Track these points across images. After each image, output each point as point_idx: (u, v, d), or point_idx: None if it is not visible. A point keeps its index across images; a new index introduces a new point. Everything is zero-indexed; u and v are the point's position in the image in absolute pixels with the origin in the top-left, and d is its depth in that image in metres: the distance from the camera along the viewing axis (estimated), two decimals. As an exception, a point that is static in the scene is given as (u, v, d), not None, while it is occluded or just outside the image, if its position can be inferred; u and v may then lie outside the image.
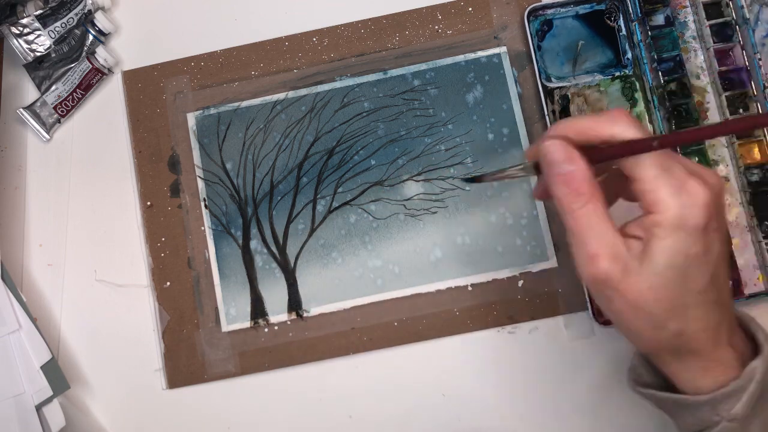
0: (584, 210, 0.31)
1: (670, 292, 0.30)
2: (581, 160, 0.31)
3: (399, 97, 0.52)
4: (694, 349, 0.32)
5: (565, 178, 0.31)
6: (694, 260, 0.30)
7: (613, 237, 0.31)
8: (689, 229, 0.30)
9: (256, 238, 0.51)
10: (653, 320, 0.31)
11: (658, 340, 0.32)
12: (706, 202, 0.30)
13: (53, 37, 0.51)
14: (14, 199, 0.52)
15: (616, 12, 0.53)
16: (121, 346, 0.51)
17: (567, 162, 0.31)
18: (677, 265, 0.30)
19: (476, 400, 0.49)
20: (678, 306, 0.31)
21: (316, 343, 0.50)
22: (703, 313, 0.31)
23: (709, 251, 0.30)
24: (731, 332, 0.33)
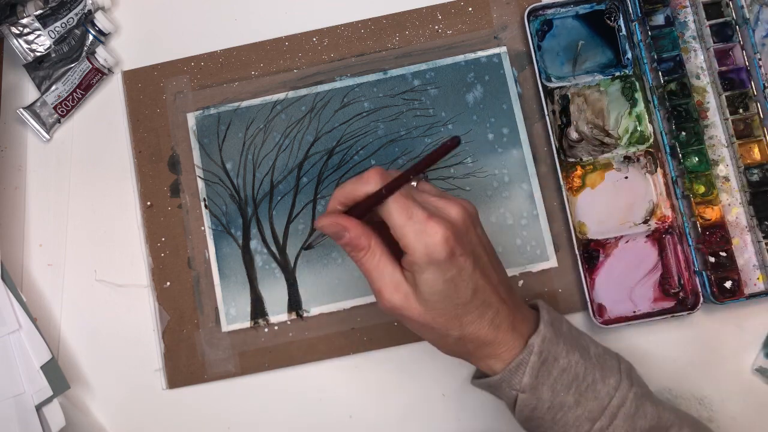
0: (365, 258, 0.38)
1: (442, 310, 0.37)
2: (351, 223, 0.38)
3: (399, 97, 0.52)
4: (480, 343, 0.39)
5: (344, 242, 0.38)
6: (451, 283, 0.37)
7: (391, 272, 0.38)
8: (437, 262, 0.36)
9: (256, 238, 0.51)
10: (438, 332, 0.38)
11: (448, 345, 0.39)
12: (445, 237, 0.36)
13: (53, 37, 0.51)
14: (14, 199, 0.52)
15: (616, 12, 0.53)
16: (121, 346, 0.51)
17: (341, 231, 0.38)
18: (439, 290, 0.37)
19: (476, 400, 0.49)
20: (451, 318, 0.37)
21: (316, 343, 0.50)
22: (476, 317, 0.38)
23: (463, 271, 0.37)
24: (512, 320, 0.39)
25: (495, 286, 0.39)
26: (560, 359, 0.39)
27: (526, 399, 0.39)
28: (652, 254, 0.50)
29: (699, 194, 0.49)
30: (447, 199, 0.38)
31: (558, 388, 0.38)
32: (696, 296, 0.49)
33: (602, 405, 0.38)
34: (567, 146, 0.52)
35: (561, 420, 0.38)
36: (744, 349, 0.50)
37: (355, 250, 0.38)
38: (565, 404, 0.38)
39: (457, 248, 0.36)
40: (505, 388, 0.39)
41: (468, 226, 0.38)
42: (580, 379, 0.39)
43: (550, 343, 0.39)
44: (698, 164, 0.50)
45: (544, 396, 0.38)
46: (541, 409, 0.39)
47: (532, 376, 0.38)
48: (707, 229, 0.49)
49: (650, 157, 0.51)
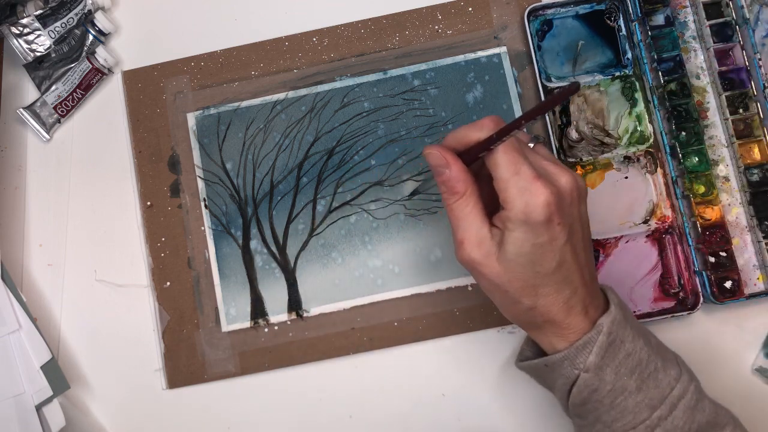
0: (457, 204, 0.38)
1: (521, 275, 0.37)
2: (455, 163, 0.37)
3: (399, 97, 0.52)
4: (547, 319, 0.38)
5: (442, 179, 0.38)
6: (539, 249, 0.36)
7: (479, 226, 0.37)
8: (533, 223, 0.35)
9: (256, 238, 0.51)
10: (510, 297, 0.38)
11: (517, 312, 0.39)
12: (547, 201, 0.35)
13: (53, 37, 0.51)
14: (14, 199, 0.52)
15: (616, 12, 0.53)
16: (121, 346, 0.51)
17: (443, 166, 0.38)
18: (525, 253, 0.36)
19: (476, 400, 0.49)
20: (528, 286, 0.37)
21: (316, 343, 0.50)
22: (553, 291, 0.37)
23: (555, 241, 0.36)
24: (586, 304, 0.38)
25: (581, 266, 0.38)
26: (626, 343, 0.38)
27: (589, 379, 0.38)
28: (652, 254, 0.50)
29: (699, 194, 0.49)
30: (559, 166, 0.38)
31: (622, 371, 0.38)
32: (696, 296, 0.49)
33: (663, 394, 0.38)
34: (567, 146, 0.52)
35: (620, 404, 0.38)
36: (744, 349, 0.50)
37: (450, 193, 0.37)
38: (626, 389, 0.38)
39: (556, 216, 0.36)
40: (566, 367, 0.38)
41: (574, 198, 0.37)
42: (644, 365, 0.38)
43: (619, 325, 0.38)
44: (698, 164, 0.50)
45: (607, 378, 0.38)
46: (602, 392, 0.38)
47: (598, 356, 0.37)
48: (707, 229, 0.49)
49: (650, 157, 0.51)
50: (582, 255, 0.38)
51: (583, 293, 0.38)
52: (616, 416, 0.38)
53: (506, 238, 0.36)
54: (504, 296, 0.38)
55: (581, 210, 0.38)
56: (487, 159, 0.37)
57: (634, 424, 0.38)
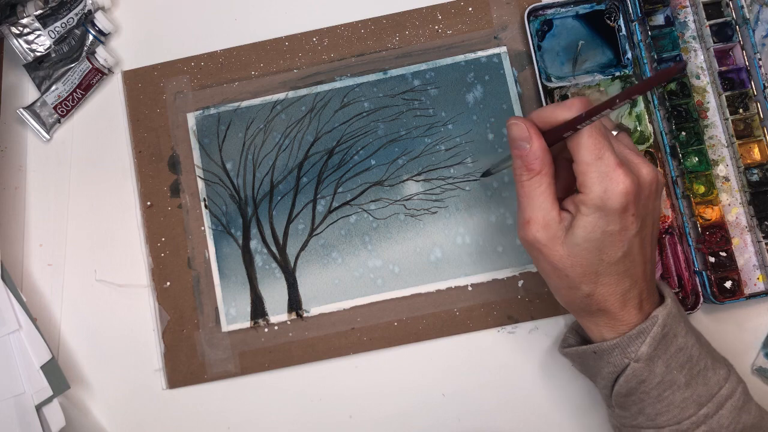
0: (530, 182, 0.37)
1: (585, 260, 0.36)
2: (538, 139, 0.37)
3: (399, 97, 0.52)
4: (603, 308, 0.38)
5: (520, 153, 0.37)
6: (609, 237, 0.36)
7: (548, 208, 0.37)
8: (608, 210, 0.35)
9: (256, 238, 0.51)
10: (569, 281, 0.37)
11: (572, 297, 0.38)
12: (627, 190, 0.35)
13: (53, 37, 0.51)
14: (14, 199, 0.52)
15: (616, 12, 0.53)
16: (121, 346, 0.51)
17: (524, 140, 0.37)
18: (594, 239, 0.36)
19: (476, 400, 0.49)
20: (590, 273, 0.37)
21: (316, 343, 0.50)
22: (613, 281, 0.37)
23: (626, 231, 0.36)
24: (643, 300, 0.38)
25: (645, 260, 0.38)
26: (679, 337, 0.38)
27: (639, 369, 0.37)
28: (652, 254, 0.50)
29: (699, 194, 0.49)
30: (641, 157, 0.37)
31: (672, 365, 0.37)
32: (696, 296, 0.49)
33: (711, 392, 0.38)
34: (567, 146, 0.52)
35: (668, 398, 0.38)
36: (744, 349, 0.50)
37: (525, 169, 0.37)
38: (675, 383, 0.37)
39: (633, 206, 0.35)
40: (617, 355, 0.38)
41: (652, 191, 0.37)
42: (694, 361, 0.38)
43: (674, 319, 0.38)
44: (698, 164, 0.50)
45: (657, 370, 0.37)
46: (650, 383, 0.38)
47: (651, 347, 0.37)
48: (707, 229, 0.49)
49: (650, 157, 0.51)
50: (648, 249, 0.38)
51: (642, 287, 0.38)
52: (662, 410, 0.38)
53: (577, 222, 0.36)
54: (562, 280, 0.37)
55: (656, 204, 0.38)
56: (570, 140, 0.36)
57: (680, 419, 0.37)
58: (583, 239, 0.36)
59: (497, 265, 0.50)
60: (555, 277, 0.38)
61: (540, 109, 0.38)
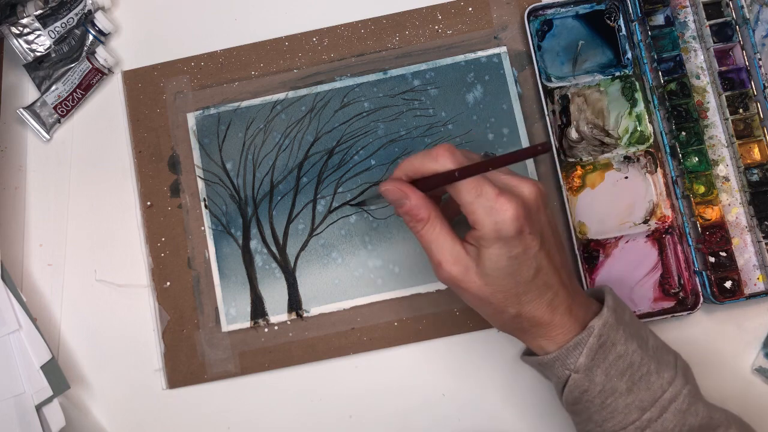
0: (425, 230, 0.39)
1: (502, 286, 0.38)
2: (413, 193, 0.39)
3: (399, 97, 0.52)
4: (534, 323, 0.39)
5: (404, 210, 0.39)
6: (515, 260, 0.37)
7: (451, 246, 0.38)
8: (505, 239, 0.36)
9: (256, 238, 0.51)
10: (494, 307, 0.39)
11: (503, 321, 0.40)
12: (515, 215, 0.36)
13: (53, 37, 0.51)
14: (14, 199, 0.52)
15: (616, 12, 0.53)
16: (121, 346, 0.51)
17: (402, 198, 0.39)
18: (502, 266, 0.37)
19: (476, 400, 0.49)
20: (511, 295, 0.38)
21: (316, 343, 0.50)
22: (535, 296, 0.38)
23: (529, 249, 0.37)
24: (569, 304, 0.39)
25: (557, 268, 0.39)
26: (618, 345, 0.39)
27: (579, 380, 0.39)
28: (652, 254, 0.50)
29: (699, 194, 0.49)
30: (519, 177, 0.39)
31: (612, 373, 0.38)
32: (696, 296, 0.49)
33: (654, 396, 0.38)
34: (567, 146, 0.52)
35: (610, 405, 0.39)
36: (744, 349, 0.50)
37: (414, 221, 0.39)
38: (616, 390, 0.38)
39: (526, 226, 0.37)
40: (558, 367, 0.39)
41: (539, 205, 0.38)
42: (635, 367, 0.39)
43: (611, 328, 0.39)
44: (698, 164, 0.50)
45: (597, 379, 0.38)
46: (592, 392, 0.39)
47: (588, 357, 0.38)
48: (707, 229, 0.49)
49: (650, 157, 0.51)
50: (557, 257, 0.39)
51: (564, 294, 0.39)
52: (607, 416, 0.39)
53: (482, 255, 0.37)
54: (489, 307, 0.39)
55: (547, 214, 0.39)
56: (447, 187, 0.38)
57: (624, 425, 0.38)
58: (492, 269, 0.37)
59: (497, 265, 0.50)
60: (481, 305, 0.39)
61: (408, 159, 0.39)
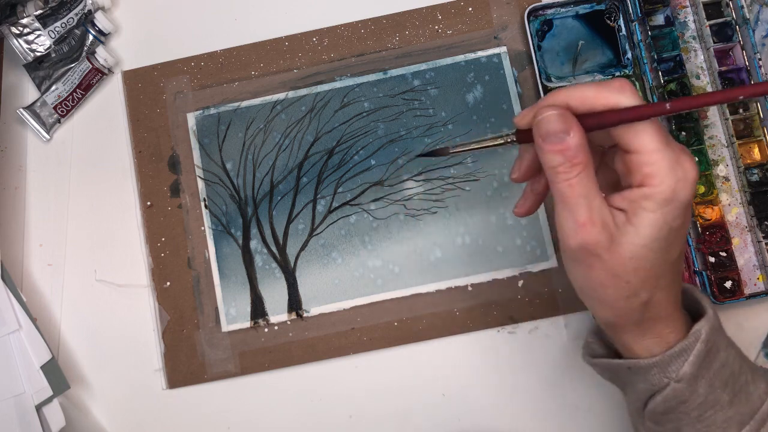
0: (578, 179, 0.31)
1: (649, 263, 0.31)
2: (579, 129, 0.31)
3: (399, 97, 0.52)
4: (657, 316, 0.33)
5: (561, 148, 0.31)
6: (674, 233, 0.31)
7: (601, 205, 0.31)
8: (678, 203, 0.30)
9: (256, 238, 0.51)
10: (628, 289, 0.32)
11: (629, 308, 0.33)
12: (696, 178, 0.31)
13: (53, 37, 0.51)
14: (14, 199, 0.52)
15: (616, 12, 0.53)
16: (121, 346, 0.51)
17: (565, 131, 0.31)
18: (662, 237, 0.31)
19: (476, 400, 0.49)
20: (652, 276, 0.32)
21: (316, 343, 0.50)
22: (671, 282, 0.33)
23: (685, 225, 0.32)
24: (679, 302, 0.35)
25: None
26: (722, 351, 0.34)
27: (681, 390, 0.34)
28: (652, 254, 0.50)
29: (699, 194, 0.49)
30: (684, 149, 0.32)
31: (716, 383, 0.34)
32: (696, 296, 0.49)
33: (753, 409, 0.34)
34: (567, 146, 0.52)
35: (709, 418, 0.34)
36: (744, 349, 0.49)
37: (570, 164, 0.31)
38: (718, 402, 0.34)
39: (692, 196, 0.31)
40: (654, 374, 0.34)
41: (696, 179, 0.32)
42: (736, 376, 0.34)
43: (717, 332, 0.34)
44: (698, 164, 0.50)
45: (700, 390, 0.34)
46: (691, 404, 0.34)
47: (695, 366, 0.33)
48: (707, 229, 0.49)
49: (650, 157, 0.51)
50: None
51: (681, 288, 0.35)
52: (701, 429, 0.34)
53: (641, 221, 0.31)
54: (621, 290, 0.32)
55: None
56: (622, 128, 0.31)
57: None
58: (651, 239, 0.31)
59: (497, 265, 0.50)
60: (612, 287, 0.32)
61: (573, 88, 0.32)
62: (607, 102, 0.31)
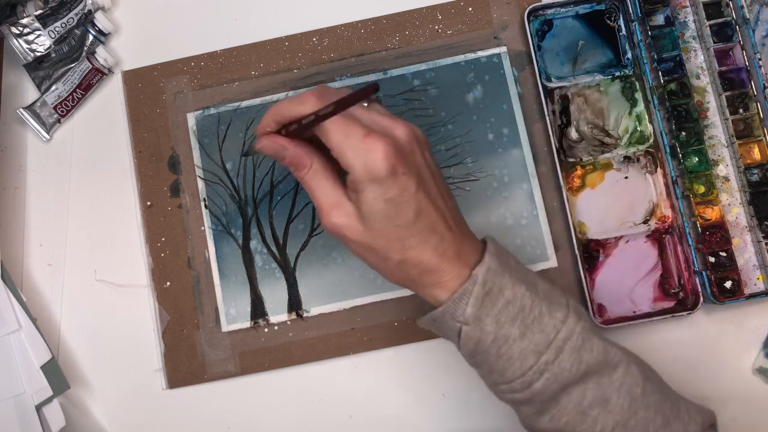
0: (308, 176, 0.38)
1: (382, 231, 0.37)
2: (289, 143, 0.38)
3: (399, 97, 0.52)
4: (423, 269, 0.38)
5: (286, 162, 0.38)
6: (393, 202, 0.36)
7: (333, 190, 0.38)
8: (377, 179, 0.35)
9: (256, 238, 0.51)
10: (378, 254, 0.38)
11: (390, 270, 0.38)
12: (385, 153, 0.35)
13: (53, 37, 0.51)
14: (14, 199, 0.52)
15: (616, 12, 0.53)
16: (121, 346, 0.51)
17: (281, 150, 0.38)
18: (379, 209, 0.36)
19: (476, 401, 0.49)
20: (392, 240, 0.37)
21: (316, 343, 0.50)
22: (419, 241, 0.37)
23: (406, 191, 0.36)
24: (458, 250, 0.38)
25: (441, 211, 0.38)
26: (506, 291, 0.37)
27: (470, 331, 0.37)
28: (652, 254, 0.50)
29: (699, 194, 0.49)
30: (393, 119, 0.38)
31: (502, 320, 0.37)
32: (696, 296, 0.49)
33: (548, 338, 0.37)
34: (567, 146, 0.52)
35: (506, 353, 0.37)
36: (744, 349, 0.50)
37: (298, 169, 0.38)
38: (510, 337, 0.37)
39: (399, 166, 0.36)
40: (448, 320, 0.38)
41: (414, 147, 0.37)
42: (526, 311, 0.38)
43: (495, 274, 0.38)
44: (698, 164, 0.50)
45: (487, 328, 0.37)
46: (485, 342, 0.37)
47: (475, 307, 0.37)
48: (707, 229, 0.49)
49: (650, 157, 0.51)
50: (440, 201, 0.38)
51: (451, 238, 0.38)
52: (505, 364, 0.38)
53: (360, 200, 0.36)
54: (373, 255, 0.38)
55: (426, 157, 0.38)
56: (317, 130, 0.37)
57: (523, 371, 0.37)
58: (371, 213, 0.36)
59: (497, 265, 0.50)
60: (367, 254, 0.38)
61: (277, 105, 0.39)
62: (294, 112, 0.38)
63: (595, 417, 0.37)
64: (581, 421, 0.38)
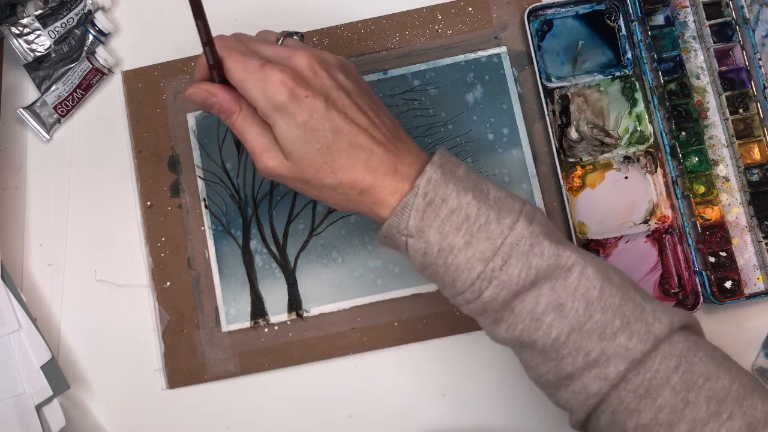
0: (237, 121, 0.38)
1: (306, 159, 0.37)
2: (219, 89, 0.38)
3: (399, 97, 0.52)
4: (359, 189, 0.37)
5: (216, 109, 0.39)
6: (305, 127, 0.36)
7: (261, 133, 0.38)
8: (280, 106, 0.36)
9: (256, 238, 0.51)
10: (314, 185, 0.38)
11: (332, 197, 0.38)
12: (282, 79, 0.36)
13: (53, 37, 0.51)
14: (14, 199, 0.52)
15: (616, 12, 0.53)
16: (121, 346, 0.51)
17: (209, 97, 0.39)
18: (295, 137, 0.36)
19: (476, 400, 0.49)
20: (319, 165, 0.37)
21: (316, 343, 0.50)
22: (346, 161, 0.37)
23: (315, 112, 0.36)
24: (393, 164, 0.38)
25: (364, 128, 0.37)
26: (449, 200, 0.37)
27: (415, 243, 0.37)
28: (652, 254, 0.50)
29: (699, 194, 0.49)
30: (296, 48, 0.38)
31: (446, 229, 0.36)
32: (696, 296, 0.49)
33: (495, 245, 0.36)
34: (567, 146, 0.52)
35: (453, 263, 0.36)
36: (744, 349, 0.50)
37: (228, 116, 0.38)
38: (455, 246, 0.36)
39: (300, 90, 0.36)
40: (395, 235, 0.37)
41: (316, 70, 0.37)
42: (472, 219, 0.36)
43: (437, 184, 0.37)
44: (698, 164, 0.50)
45: (431, 239, 0.36)
46: (432, 254, 0.37)
47: (416, 219, 0.36)
48: (707, 229, 0.49)
49: (650, 157, 0.51)
50: (361, 118, 0.38)
51: (382, 153, 0.38)
52: (454, 275, 0.37)
53: (276, 133, 0.37)
54: (310, 186, 0.38)
55: (337, 78, 0.38)
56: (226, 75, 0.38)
57: (471, 280, 0.36)
58: (289, 143, 0.37)
59: (497, 265, 0.50)
60: (305, 187, 0.38)
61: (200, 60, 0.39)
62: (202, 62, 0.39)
63: (550, 323, 0.36)
64: (536, 328, 0.37)
